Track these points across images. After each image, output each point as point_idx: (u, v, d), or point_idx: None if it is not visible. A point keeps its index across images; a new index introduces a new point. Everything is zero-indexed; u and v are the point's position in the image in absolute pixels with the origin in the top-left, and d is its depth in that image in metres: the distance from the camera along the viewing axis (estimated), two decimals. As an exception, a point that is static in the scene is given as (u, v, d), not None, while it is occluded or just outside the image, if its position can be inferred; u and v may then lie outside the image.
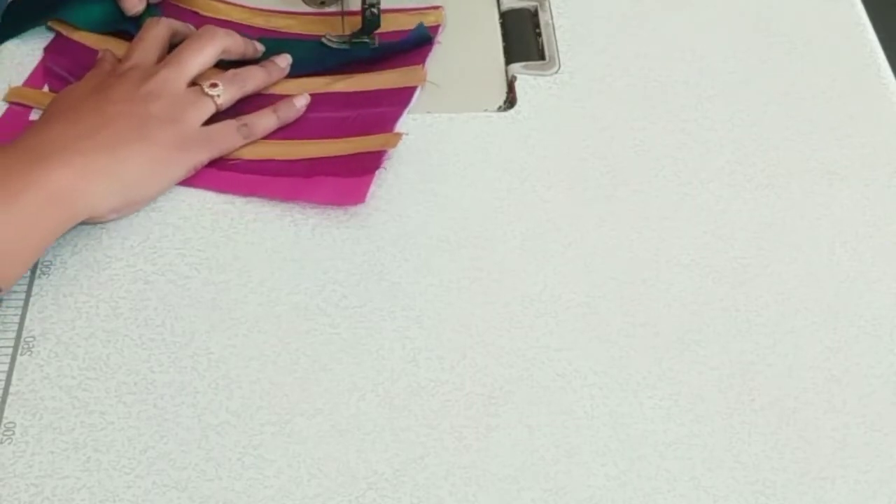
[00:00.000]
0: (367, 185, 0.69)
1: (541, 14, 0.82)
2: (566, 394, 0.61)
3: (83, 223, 0.65)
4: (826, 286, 0.66)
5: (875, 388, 0.62)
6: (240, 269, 0.65)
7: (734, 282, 0.66)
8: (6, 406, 0.59)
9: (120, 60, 0.72)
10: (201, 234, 0.67)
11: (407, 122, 0.73)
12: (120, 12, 0.77)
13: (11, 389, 0.60)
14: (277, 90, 0.75)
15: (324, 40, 0.78)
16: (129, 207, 0.67)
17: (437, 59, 0.78)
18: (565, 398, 0.61)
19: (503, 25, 0.82)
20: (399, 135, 0.71)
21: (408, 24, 0.79)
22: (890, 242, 0.69)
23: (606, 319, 0.64)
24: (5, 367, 0.60)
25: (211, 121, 0.70)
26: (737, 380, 0.62)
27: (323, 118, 0.73)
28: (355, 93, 0.75)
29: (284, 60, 0.75)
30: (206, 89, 0.70)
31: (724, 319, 0.65)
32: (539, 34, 0.81)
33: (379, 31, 0.77)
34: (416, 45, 0.78)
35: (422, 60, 0.77)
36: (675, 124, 0.74)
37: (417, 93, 0.75)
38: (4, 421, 0.59)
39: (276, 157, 0.70)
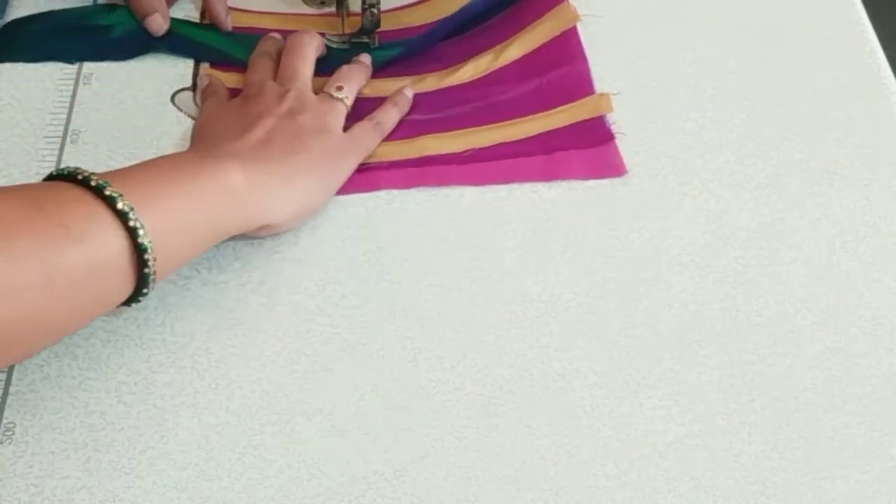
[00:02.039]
0: (619, 154, 0.71)
1: (541, 14, 0.82)
2: (566, 394, 0.61)
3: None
4: (826, 286, 0.66)
5: (875, 388, 0.62)
6: (240, 269, 0.65)
7: (734, 282, 0.66)
8: (6, 406, 0.59)
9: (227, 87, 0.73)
10: (201, 234, 0.67)
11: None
12: (149, 35, 0.76)
13: (11, 389, 0.60)
14: (428, 87, 0.75)
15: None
16: (299, 218, 0.66)
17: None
18: (565, 398, 0.61)
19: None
20: (608, 96, 0.73)
21: None
22: (890, 242, 0.69)
23: (606, 319, 0.64)
24: (5, 367, 0.60)
25: None
26: (737, 380, 0.62)
27: (517, 96, 0.74)
28: (522, 58, 0.76)
29: (366, 58, 0.76)
30: (334, 93, 0.71)
31: (724, 319, 0.65)
32: (539, 34, 0.81)
33: None
34: None
35: None
36: (675, 124, 0.74)
37: (581, 32, 0.76)
38: (4, 421, 0.59)
39: (507, 140, 0.71)
